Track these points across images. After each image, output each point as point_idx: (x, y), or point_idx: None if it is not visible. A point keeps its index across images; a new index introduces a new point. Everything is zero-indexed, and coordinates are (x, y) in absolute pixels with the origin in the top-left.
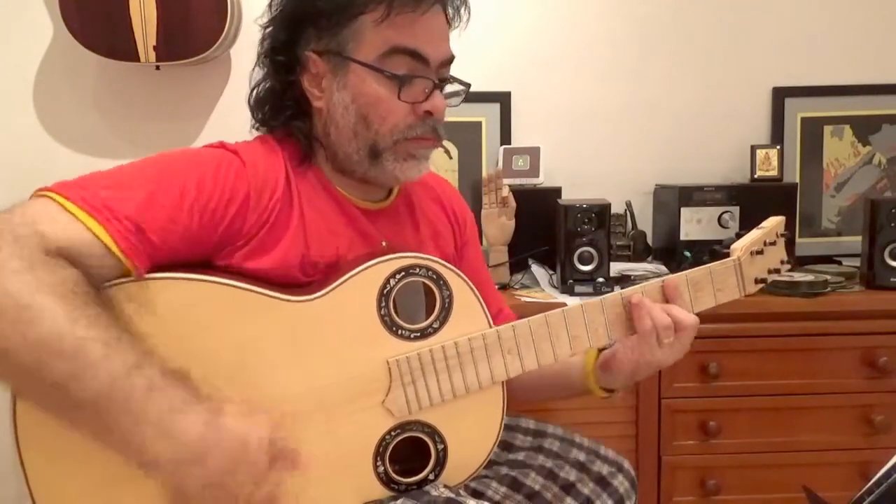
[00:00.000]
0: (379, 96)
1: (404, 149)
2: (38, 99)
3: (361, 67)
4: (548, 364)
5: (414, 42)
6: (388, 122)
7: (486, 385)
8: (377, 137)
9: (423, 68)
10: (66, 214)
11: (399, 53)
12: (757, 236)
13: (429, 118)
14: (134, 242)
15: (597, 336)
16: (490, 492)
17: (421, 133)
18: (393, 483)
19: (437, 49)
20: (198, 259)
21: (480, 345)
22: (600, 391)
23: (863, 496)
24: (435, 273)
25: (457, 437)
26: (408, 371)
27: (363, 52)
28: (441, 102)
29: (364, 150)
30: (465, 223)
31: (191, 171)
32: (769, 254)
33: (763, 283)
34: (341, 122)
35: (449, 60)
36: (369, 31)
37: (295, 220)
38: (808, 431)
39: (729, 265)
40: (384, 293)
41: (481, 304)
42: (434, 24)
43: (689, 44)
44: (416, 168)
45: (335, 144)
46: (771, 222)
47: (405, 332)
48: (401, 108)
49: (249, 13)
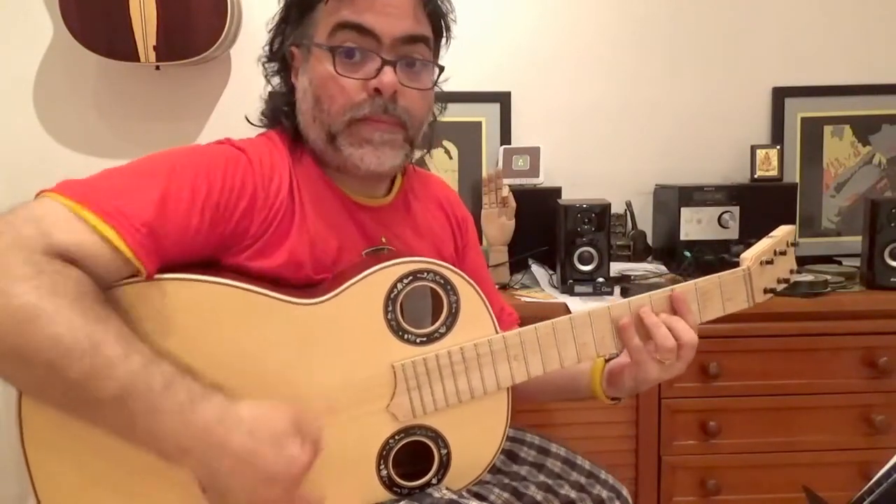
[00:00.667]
0: (326, 74)
1: (357, 132)
2: (38, 99)
3: (318, 49)
4: (554, 371)
5: (359, 17)
6: (336, 101)
7: (491, 391)
8: (329, 119)
9: (373, 44)
10: (72, 216)
11: (344, 29)
12: (767, 246)
13: (378, 97)
14: (144, 244)
15: (603, 345)
16: (492, 496)
17: (370, 112)
18: (396, 487)
19: (390, 24)
20: (205, 258)
21: (487, 351)
22: (606, 399)
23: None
24: (443, 278)
25: (460, 443)
26: (413, 376)
27: (319, 33)
28: (390, 79)
29: (323, 134)
30: (465, 227)
31: (199, 170)
32: (779, 263)
33: (772, 292)
34: (303, 108)
35: (411, 38)
36: (325, 14)
37: (298, 216)
38: (808, 431)
39: (738, 275)
40: (391, 297)
41: (488, 310)
42: (390, 1)
43: (689, 44)
44: (373, 155)
45: (305, 133)
46: (781, 231)
47: (411, 336)
48: (347, 84)
49: (249, 13)
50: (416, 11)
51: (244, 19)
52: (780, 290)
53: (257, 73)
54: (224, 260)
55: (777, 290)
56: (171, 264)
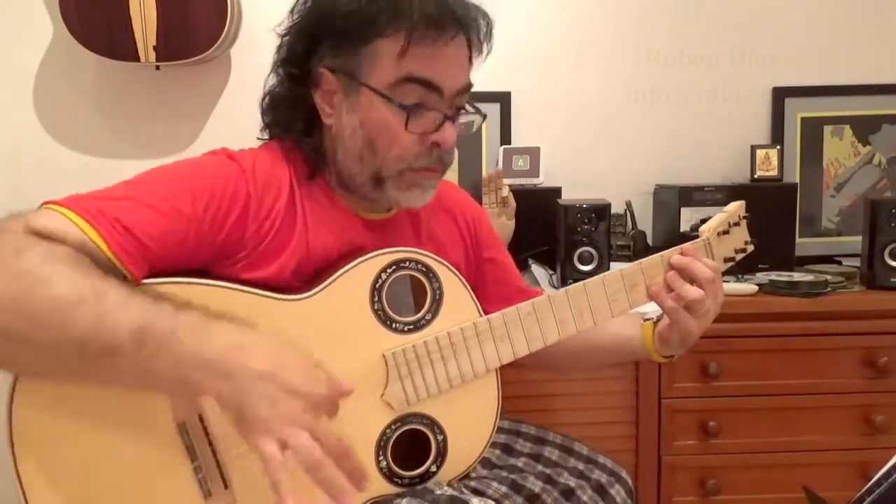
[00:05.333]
0: (387, 124)
1: (409, 178)
2: (38, 99)
3: (372, 92)
4: (538, 349)
5: (429, 73)
6: (394, 150)
7: (480, 373)
8: (382, 164)
9: (436, 99)
10: (64, 219)
11: (412, 82)
12: (721, 218)
13: (436, 149)
14: (130, 251)
15: (582, 320)
16: (490, 491)
17: (427, 164)
18: (396, 477)
19: (454, 79)
20: (195, 267)
21: (472, 333)
22: (661, 357)
23: (863, 496)
24: (425, 266)
25: (456, 427)
26: (404, 363)
27: (376, 76)
28: (451, 135)
29: (368, 174)
30: (477, 226)
31: (189, 180)
32: (734, 234)
33: (732, 261)
34: (348, 145)
35: (465, 89)
36: (385, 57)
37: (298, 231)
38: (809, 431)
39: (699, 245)
40: (377, 287)
41: (471, 295)
42: (453, 55)
43: (689, 44)
44: (419, 197)
45: (341, 164)
46: (732, 206)
47: (399, 325)
48: (408, 138)
49: (249, 13)
50: (468, 61)
51: (244, 19)
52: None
53: (257, 74)
54: (216, 270)
55: (736, 259)
56: (161, 270)
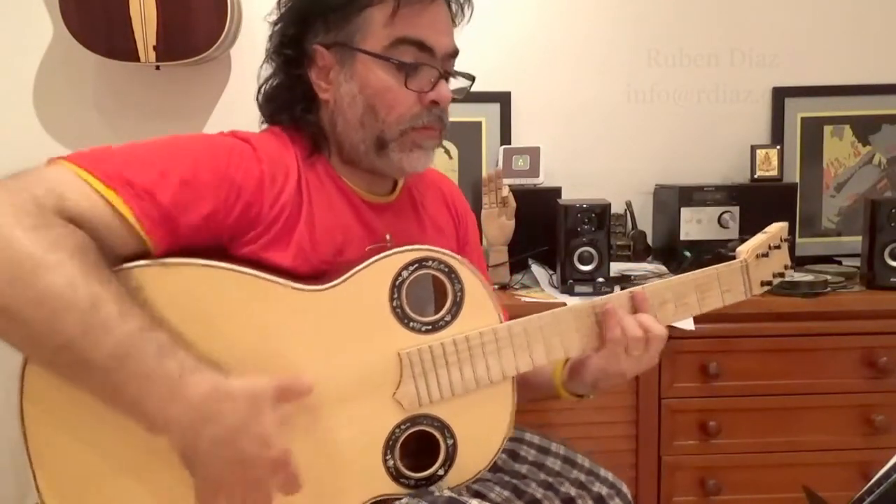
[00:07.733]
0: (386, 85)
1: (410, 139)
2: (38, 99)
3: (368, 57)
4: (558, 359)
5: (420, 32)
6: (395, 111)
7: (496, 380)
8: (384, 127)
9: (430, 58)
10: (86, 185)
11: (405, 44)
12: (762, 240)
13: (435, 108)
14: (155, 219)
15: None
16: (493, 494)
17: (427, 122)
18: (402, 478)
19: (442, 41)
20: (214, 246)
21: (491, 339)
22: (569, 395)
23: (863, 496)
24: (447, 266)
25: (466, 433)
26: (419, 363)
27: (370, 42)
28: (447, 92)
29: (371, 140)
30: (466, 223)
31: (206, 153)
32: (774, 257)
33: (769, 285)
34: (349, 113)
35: (453, 53)
36: (376, 24)
37: (305, 210)
38: (809, 431)
39: (735, 267)
40: (396, 284)
41: (492, 300)
42: (439, 16)
43: (689, 43)
44: (422, 159)
45: (342, 136)
46: (774, 228)
47: (417, 324)
48: (408, 97)
49: (249, 13)
50: (452, 28)
51: (244, 19)
52: (776, 284)
53: (257, 74)
54: (235, 250)
55: (773, 284)
56: (179, 248)
